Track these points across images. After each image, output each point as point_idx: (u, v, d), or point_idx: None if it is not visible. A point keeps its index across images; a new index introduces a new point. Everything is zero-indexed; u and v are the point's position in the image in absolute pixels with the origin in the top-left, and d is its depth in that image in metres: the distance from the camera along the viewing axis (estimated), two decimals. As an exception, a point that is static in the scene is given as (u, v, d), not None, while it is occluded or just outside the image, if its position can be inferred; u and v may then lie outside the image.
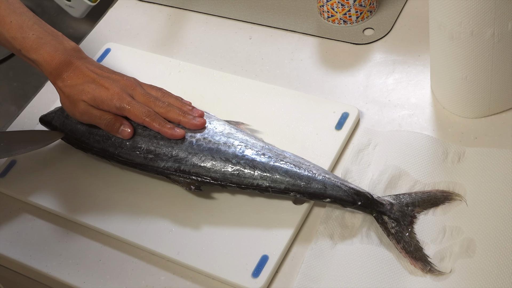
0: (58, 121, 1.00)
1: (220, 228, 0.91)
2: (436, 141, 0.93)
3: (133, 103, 0.94)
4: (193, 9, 1.19)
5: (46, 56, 0.96)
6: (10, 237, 0.97)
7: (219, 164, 0.91)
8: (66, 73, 0.95)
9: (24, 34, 0.96)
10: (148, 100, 0.95)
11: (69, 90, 0.95)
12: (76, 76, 0.95)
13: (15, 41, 0.97)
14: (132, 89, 0.96)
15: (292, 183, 0.88)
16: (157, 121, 0.93)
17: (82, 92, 0.94)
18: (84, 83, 0.95)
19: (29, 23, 0.97)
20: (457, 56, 0.90)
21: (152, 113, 0.94)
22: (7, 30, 0.97)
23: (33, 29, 0.97)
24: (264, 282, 0.85)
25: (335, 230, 0.88)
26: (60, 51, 0.96)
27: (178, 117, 0.94)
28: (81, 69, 0.96)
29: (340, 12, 1.08)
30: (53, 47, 0.96)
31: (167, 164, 0.93)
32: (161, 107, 0.95)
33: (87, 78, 0.95)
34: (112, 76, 0.96)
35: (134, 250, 0.92)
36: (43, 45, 0.96)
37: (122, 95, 0.94)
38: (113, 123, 0.94)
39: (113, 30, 1.20)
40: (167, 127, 0.93)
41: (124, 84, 0.96)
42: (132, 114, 0.94)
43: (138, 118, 0.93)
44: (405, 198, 0.88)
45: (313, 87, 1.04)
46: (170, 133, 0.93)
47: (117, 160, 0.96)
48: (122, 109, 0.94)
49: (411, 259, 0.83)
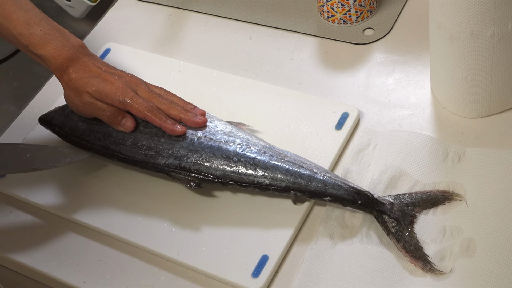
0: (58, 120, 1.00)
1: (220, 228, 0.91)
2: (436, 141, 0.93)
3: (136, 98, 0.95)
4: (193, 9, 1.19)
5: (53, 52, 0.97)
6: (10, 237, 0.97)
7: (220, 161, 0.91)
8: (72, 68, 0.96)
9: (31, 30, 0.97)
10: (151, 96, 0.96)
11: (74, 83, 0.96)
12: (82, 70, 0.96)
13: (22, 37, 0.97)
14: (136, 85, 0.96)
15: (293, 181, 0.88)
16: (159, 116, 0.94)
17: (87, 84, 0.95)
18: (90, 76, 0.95)
19: (36, 19, 0.98)
20: (457, 56, 0.90)
21: (154, 108, 0.94)
22: (14, 26, 0.97)
23: (40, 25, 0.98)
24: (264, 282, 0.85)
25: (335, 230, 0.88)
26: (67, 47, 0.97)
27: (179, 114, 0.95)
28: (87, 64, 0.97)
29: (340, 12, 1.08)
30: (60, 43, 0.97)
31: (168, 161, 0.93)
32: (164, 103, 0.95)
33: (93, 72, 0.96)
34: (117, 72, 0.97)
35: (134, 250, 0.92)
36: (50, 41, 0.97)
37: (126, 89, 0.95)
38: (115, 116, 0.95)
39: (113, 30, 1.20)
40: (168, 122, 0.94)
41: (128, 80, 0.97)
42: (134, 109, 0.94)
43: (140, 113, 0.94)
44: (405, 198, 0.88)
45: (313, 87, 1.04)
46: (171, 128, 0.93)
47: (118, 157, 0.96)
48: (125, 104, 0.94)
49: (411, 258, 0.83)
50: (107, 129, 0.97)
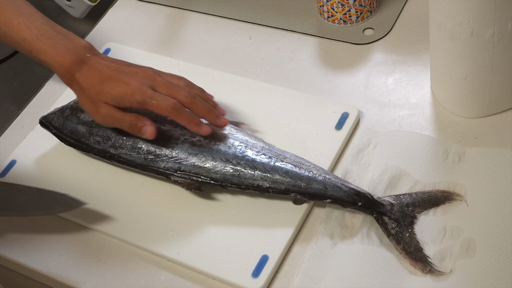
0: (58, 122, 1.00)
1: (220, 228, 0.91)
2: (437, 141, 0.93)
3: (155, 96, 0.90)
4: (193, 9, 1.19)
5: (57, 57, 0.93)
6: (10, 237, 0.97)
7: (220, 164, 0.91)
8: (79, 73, 0.92)
9: (33, 35, 0.93)
10: (171, 90, 0.91)
11: (87, 93, 0.92)
12: (92, 75, 0.92)
13: (25, 42, 0.94)
14: (152, 80, 0.92)
15: (293, 183, 0.88)
16: (184, 115, 0.90)
17: (101, 93, 0.91)
18: (102, 82, 0.91)
19: (37, 23, 0.94)
20: (457, 56, 0.90)
21: (178, 105, 0.90)
22: (16, 32, 0.94)
23: (42, 29, 0.94)
24: (264, 282, 0.85)
25: (335, 230, 0.88)
26: (71, 51, 0.93)
27: (203, 111, 0.91)
28: (95, 67, 0.92)
29: (340, 12, 1.08)
30: (63, 47, 0.93)
31: (168, 165, 0.93)
32: (186, 97, 0.91)
33: (103, 75, 0.92)
34: (129, 69, 0.92)
35: (134, 250, 0.92)
36: (53, 46, 0.93)
37: (143, 89, 0.90)
38: (135, 124, 0.91)
39: (113, 30, 1.20)
40: (194, 122, 0.90)
41: (142, 75, 0.92)
42: (156, 108, 0.90)
43: (164, 111, 0.90)
44: (405, 198, 0.88)
45: (313, 87, 1.04)
46: (197, 129, 0.90)
47: (118, 160, 0.96)
48: (145, 104, 0.90)
49: (411, 260, 0.83)
50: (106, 132, 0.96)
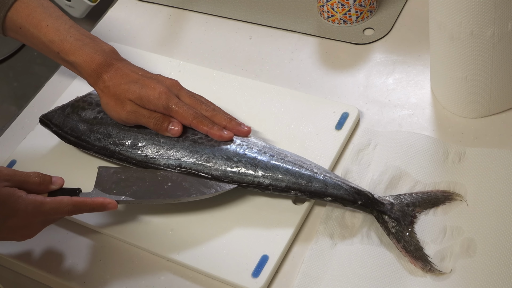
0: (58, 120, 1.00)
1: (220, 228, 0.91)
2: (437, 142, 0.93)
3: (180, 104, 0.93)
4: (193, 9, 1.19)
5: (86, 58, 0.95)
6: (10, 237, 0.97)
7: (220, 162, 0.91)
8: (107, 74, 0.95)
9: (61, 36, 0.96)
10: (195, 102, 0.95)
11: (113, 90, 0.94)
12: (119, 76, 0.95)
13: (52, 44, 0.96)
14: (178, 90, 0.95)
15: (293, 181, 0.88)
16: (205, 123, 0.93)
17: (127, 91, 0.93)
18: (128, 82, 0.94)
19: (65, 26, 0.97)
20: (457, 56, 0.90)
21: (199, 114, 0.93)
22: (44, 34, 0.96)
23: (70, 32, 0.97)
24: (264, 282, 0.85)
25: (335, 230, 0.88)
26: (99, 53, 0.96)
27: (224, 122, 0.94)
28: (122, 70, 0.95)
29: (340, 12, 1.08)
30: (92, 48, 0.96)
31: (168, 162, 0.93)
32: (207, 110, 0.94)
33: (130, 78, 0.95)
34: (155, 76, 0.96)
35: (134, 250, 0.92)
36: (82, 47, 0.96)
37: (169, 94, 0.93)
38: (161, 122, 0.93)
39: (113, 30, 1.20)
40: (215, 128, 0.93)
41: (169, 83, 0.95)
42: (179, 115, 0.93)
43: (186, 120, 0.93)
44: (405, 198, 0.88)
45: (313, 87, 1.04)
46: (219, 134, 0.92)
47: (118, 158, 0.96)
48: (169, 110, 0.93)
49: (411, 258, 0.83)
50: (107, 129, 0.97)
